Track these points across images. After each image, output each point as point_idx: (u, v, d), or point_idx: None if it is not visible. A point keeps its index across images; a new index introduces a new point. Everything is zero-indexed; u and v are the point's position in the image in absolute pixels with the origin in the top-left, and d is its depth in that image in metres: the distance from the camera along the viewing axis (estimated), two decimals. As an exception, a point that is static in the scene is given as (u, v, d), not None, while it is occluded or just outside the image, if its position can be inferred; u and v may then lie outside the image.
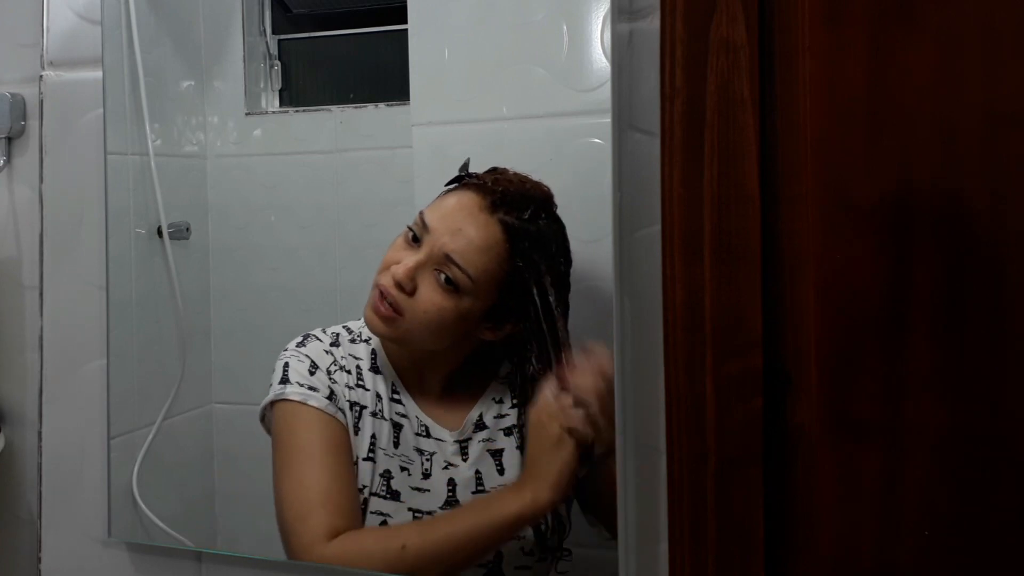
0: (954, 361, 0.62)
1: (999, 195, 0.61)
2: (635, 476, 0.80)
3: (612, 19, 0.81)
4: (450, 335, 0.87)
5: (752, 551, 0.66)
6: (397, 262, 0.86)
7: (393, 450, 0.89)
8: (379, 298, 0.87)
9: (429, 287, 0.85)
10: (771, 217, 0.66)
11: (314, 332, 0.93)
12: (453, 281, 0.84)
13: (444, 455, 0.89)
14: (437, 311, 0.85)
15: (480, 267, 0.83)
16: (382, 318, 0.87)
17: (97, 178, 1.00)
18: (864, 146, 0.64)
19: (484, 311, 0.85)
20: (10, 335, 1.05)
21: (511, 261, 0.84)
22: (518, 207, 0.84)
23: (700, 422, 0.67)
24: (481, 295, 0.84)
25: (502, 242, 0.84)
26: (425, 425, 0.90)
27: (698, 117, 0.67)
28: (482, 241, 0.84)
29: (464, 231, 0.84)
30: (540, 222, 0.85)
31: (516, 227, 0.84)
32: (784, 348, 0.66)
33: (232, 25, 1.04)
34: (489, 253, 0.84)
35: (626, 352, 0.79)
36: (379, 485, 0.88)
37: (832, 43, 0.64)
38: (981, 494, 0.62)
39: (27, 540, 1.05)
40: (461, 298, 0.84)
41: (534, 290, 0.84)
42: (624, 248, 0.79)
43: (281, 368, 0.91)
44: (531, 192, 0.85)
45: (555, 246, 0.85)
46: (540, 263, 0.84)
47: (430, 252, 0.85)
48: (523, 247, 0.84)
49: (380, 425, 0.89)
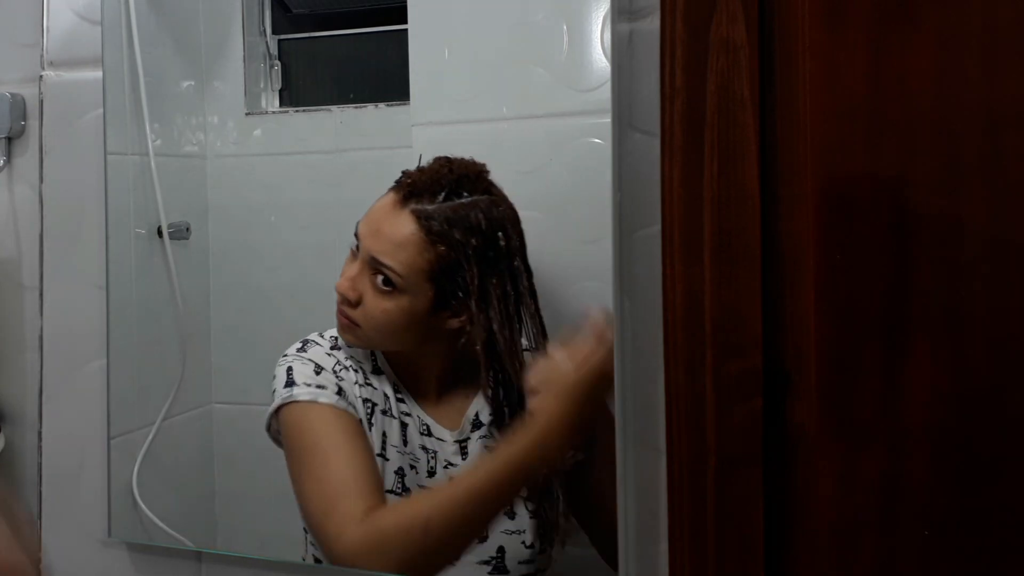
0: (954, 361, 0.62)
1: (999, 195, 0.61)
2: (635, 476, 0.80)
3: (612, 19, 0.81)
4: (410, 334, 0.88)
5: (752, 551, 0.66)
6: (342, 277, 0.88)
7: (403, 447, 0.89)
8: (338, 314, 0.89)
9: (370, 294, 0.87)
10: (771, 217, 0.66)
11: (311, 337, 0.93)
12: (389, 281, 0.85)
13: (445, 454, 0.90)
14: (383, 314, 0.86)
15: (404, 262, 0.84)
16: (343, 328, 0.89)
17: (97, 178, 1.00)
18: (864, 146, 0.64)
19: (430, 303, 0.85)
20: (10, 335, 1.05)
21: (432, 248, 0.84)
22: (430, 193, 0.85)
23: (700, 422, 0.67)
24: (417, 289, 0.85)
25: (416, 232, 0.84)
26: (427, 424, 0.90)
27: (698, 117, 0.67)
28: (399, 236, 0.85)
29: (382, 230, 0.86)
30: (459, 200, 0.85)
31: (428, 213, 0.84)
32: (784, 348, 0.66)
33: (232, 25, 1.04)
34: (407, 247, 0.84)
35: (626, 352, 0.79)
36: (395, 482, 0.88)
37: (832, 43, 0.64)
38: (981, 494, 0.62)
39: (27, 540, 1.05)
40: (399, 297, 0.85)
41: (472, 268, 0.84)
42: (624, 248, 0.79)
43: (284, 373, 0.90)
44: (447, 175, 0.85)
45: (484, 220, 0.84)
46: (467, 242, 0.84)
47: (363, 259, 0.87)
48: (441, 230, 0.84)
49: (390, 423, 0.90)
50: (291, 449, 0.89)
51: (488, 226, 0.85)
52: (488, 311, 0.85)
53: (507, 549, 0.87)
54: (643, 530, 0.79)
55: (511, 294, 0.85)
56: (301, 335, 0.93)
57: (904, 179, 0.63)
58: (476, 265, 0.84)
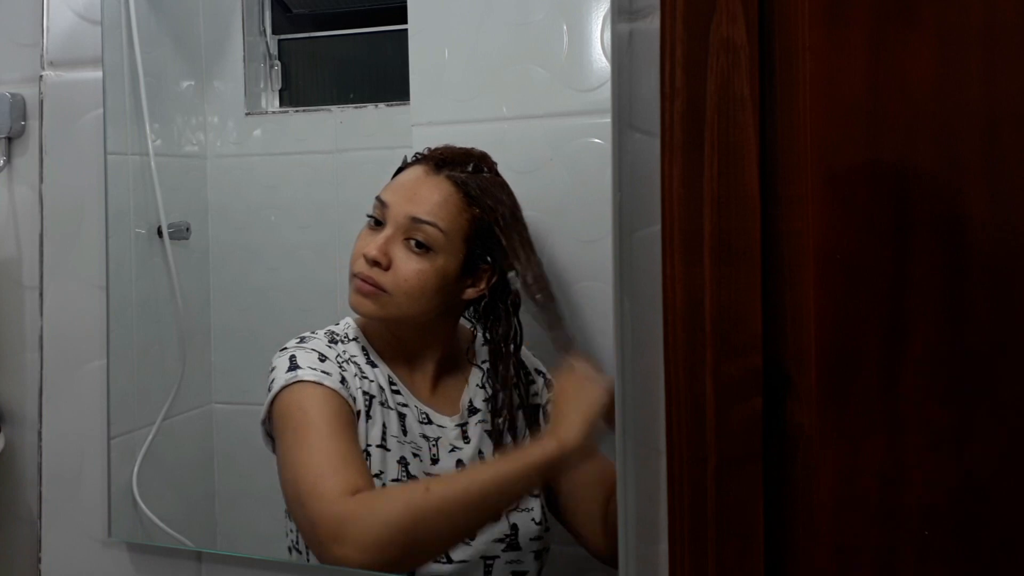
0: (954, 361, 0.62)
1: (999, 195, 0.61)
2: (635, 476, 0.80)
3: (612, 19, 0.81)
4: (437, 298, 0.89)
5: (752, 551, 0.66)
6: (366, 247, 0.89)
7: (403, 437, 0.90)
8: (360, 282, 0.89)
9: (403, 257, 0.88)
10: (771, 217, 0.66)
11: (307, 334, 0.93)
12: (424, 243, 0.87)
13: (448, 439, 0.91)
14: (417, 275, 0.87)
15: (446, 219, 0.87)
16: (367, 295, 0.89)
17: (97, 178, 1.00)
18: (864, 146, 0.64)
19: (460, 265, 0.88)
20: (10, 335, 1.05)
21: (469, 210, 0.88)
22: (460, 164, 0.89)
23: (700, 422, 0.67)
24: (454, 248, 0.87)
25: (455, 193, 0.88)
26: (425, 413, 0.91)
27: (698, 117, 0.67)
28: (439, 196, 0.88)
29: (419, 193, 0.88)
30: (483, 174, 0.89)
31: (463, 179, 0.88)
32: (784, 348, 0.66)
33: (232, 25, 1.04)
34: (447, 206, 0.88)
35: (626, 352, 0.79)
36: (399, 471, 0.89)
37: (832, 43, 0.64)
38: (981, 493, 0.62)
39: (27, 540, 1.05)
40: (435, 257, 0.87)
41: (498, 232, 0.87)
42: (624, 248, 0.79)
43: (287, 359, 0.90)
44: (470, 152, 0.89)
45: (506, 197, 0.88)
46: (496, 208, 0.88)
47: (396, 223, 0.88)
48: (475, 195, 0.88)
49: (388, 414, 0.90)
50: (288, 427, 0.88)
51: (508, 200, 0.89)
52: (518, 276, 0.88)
53: (520, 527, 0.88)
54: (643, 530, 0.79)
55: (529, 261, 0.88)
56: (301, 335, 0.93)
57: (904, 179, 0.63)
58: (503, 231, 0.88)
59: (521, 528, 0.88)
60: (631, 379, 0.79)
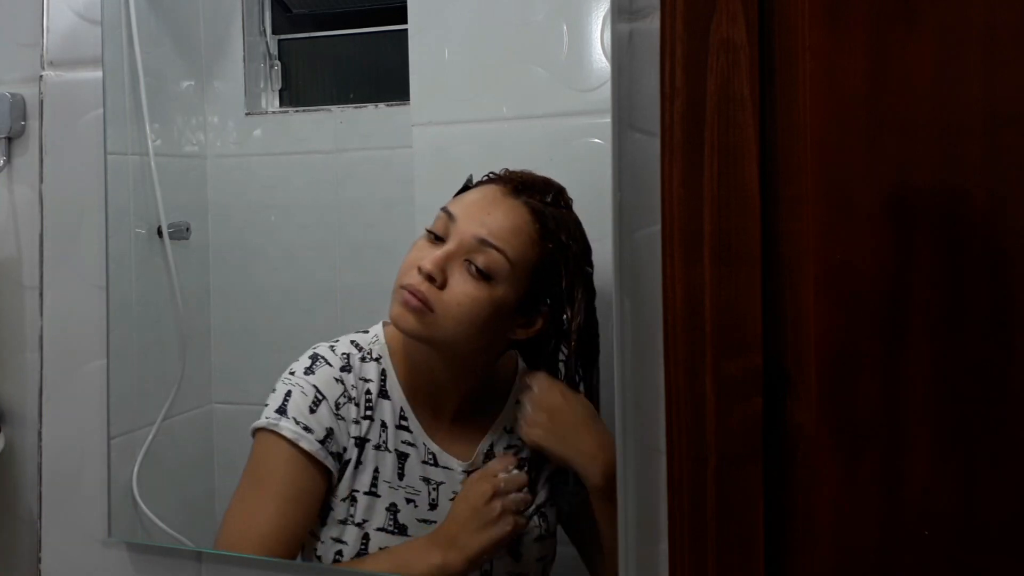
0: (954, 360, 0.62)
1: (999, 195, 0.61)
2: (635, 476, 0.80)
3: (612, 19, 0.81)
4: (483, 331, 0.83)
5: (752, 551, 0.66)
6: (422, 260, 0.83)
7: (398, 482, 0.87)
8: (408, 295, 0.82)
9: (460, 279, 0.82)
10: (771, 217, 0.66)
11: (322, 352, 0.88)
12: (484, 270, 0.81)
13: (452, 485, 0.87)
14: (471, 302, 0.81)
15: (517, 248, 0.82)
16: (413, 311, 0.82)
17: (97, 178, 1.00)
18: (864, 146, 0.64)
19: (518, 300, 0.82)
20: (10, 335, 1.05)
21: (542, 243, 0.82)
22: (540, 192, 0.84)
23: (700, 422, 0.67)
24: (516, 281, 0.82)
25: (531, 223, 0.82)
26: (433, 453, 0.87)
27: (698, 117, 0.67)
28: (512, 223, 0.82)
29: (494, 215, 0.82)
30: (561, 208, 0.84)
31: (542, 209, 0.83)
32: (784, 348, 0.66)
33: (232, 25, 1.04)
34: (521, 235, 0.82)
35: (626, 352, 0.79)
36: (386, 520, 0.86)
37: (832, 43, 0.64)
38: (981, 493, 0.62)
39: (27, 540, 1.05)
40: (495, 286, 0.81)
41: (564, 274, 0.82)
42: (624, 248, 0.79)
43: (283, 396, 0.87)
44: (550, 181, 0.85)
45: (578, 235, 0.84)
46: (569, 246, 0.83)
47: (460, 241, 0.82)
48: (551, 228, 0.82)
49: (383, 457, 0.87)
50: (249, 468, 0.88)
51: (580, 242, 0.84)
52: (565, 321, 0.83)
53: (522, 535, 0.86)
54: (643, 530, 0.79)
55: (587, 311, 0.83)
56: (301, 335, 0.93)
57: (904, 179, 0.63)
58: (570, 273, 0.82)
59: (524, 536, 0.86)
60: (631, 379, 0.79)
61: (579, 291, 0.83)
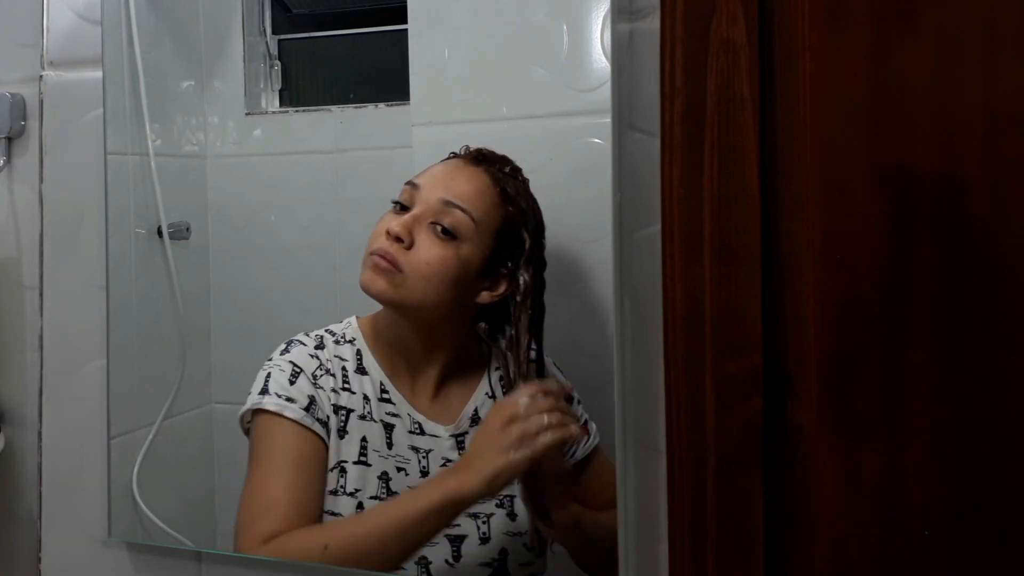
0: (954, 361, 0.62)
1: (999, 195, 0.61)
2: (635, 476, 0.80)
3: (612, 19, 0.81)
4: (451, 291, 0.86)
5: (752, 551, 0.66)
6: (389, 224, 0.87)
7: (387, 451, 0.89)
8: (378, 258, 0.86)
9: (427, 240, 0.85)
10: (771, 217, 0.66)
11: (297, 337, 0.92)
12: (450, 229, 0.85)
13: (441, 451, 0.89)
14: (439, 260, 0.85)
15: (481, 208, 0.85)
16: (382, 272, 0.86)
17: (97, 178, 1.00)
18: (864, 146, 0.64)
19: (483, 262, 0.85)
20: (10, 335, 1.05)
21: (504, 206, 0.86)
22: (498, 162, 0.87)
23: (700, 422, 0.67)
24: (481, 240, 0.85)
25: (492, 186, 0.86)
26: (418, 422, 0.90)
27: (698, 117, 0.67)
28: (475, 187, 0.86)
29: (456, 179, 0.87)
30: (519, 180, 0.87)
31: (501, 176, 0.86)
32: (784, 348, 0.66)
33: (232, 25, 1.04)
34: (483, 197, 0.86)
35: (626, 352, 0.79)
36: (379, 488, 0.88)
37: (832, 43, 0.64)
38: (981, 493, 0.62)
39: (27, 540, 1.05)
40: (460, 245, 0.85)
41: (527, 238, 0.85)
42: (624, 248, 0.79)
43: (263, 378, 0.90)
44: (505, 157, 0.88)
45: (536, 206, 0.87)
46: (528, 214, 0.86)
47: (426, 205, 0.86)
48: (511, 194, 0.86)
49: (370, 427, 0.89)
50: (250, 452, 0.91)
51: (538, 212, 0.87)
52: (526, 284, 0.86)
53: (509, 551, 0.87)
54: (643, 530, 0.79)
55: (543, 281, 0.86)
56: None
57: (904, 179, 0.63)
58: (531, 236, 0.86)
59: (511, 553, 0.87)
60: (631, 379, 0.79)
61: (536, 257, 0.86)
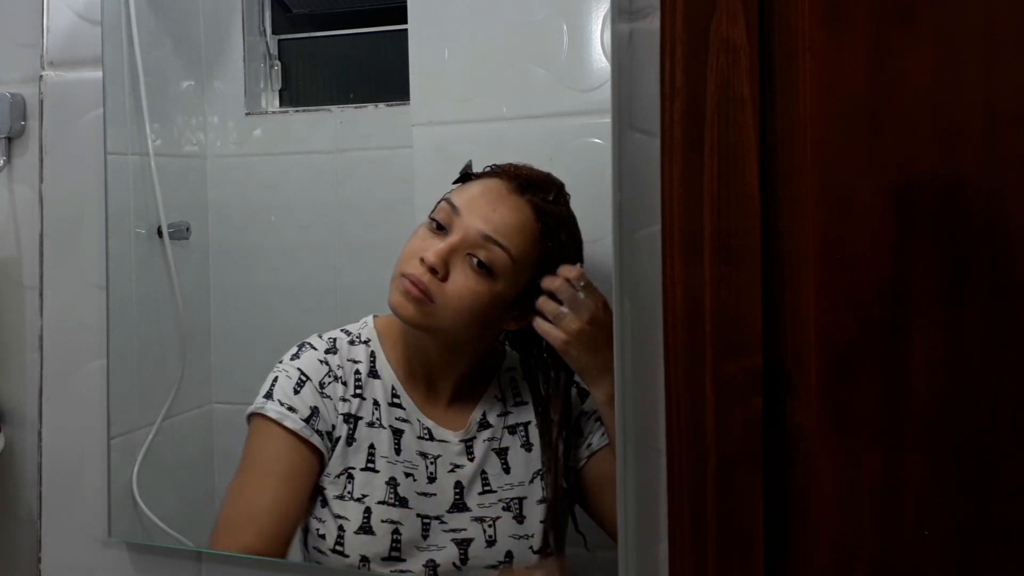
0: (954, 361, 0.62)
1: (999, 195, 0.61)
2: (635, 476, 0.80)
3: (612, 19, 0.81)
4: (480, 322, 0.85)
5: (752, 551, 0.66)
6: (424, 250, 0.84)
7: (395, 457, 0.88)
8: (409, 284, 0.84)
9: (462, 272, 0.83)
10: (771, 217, 0.66)
11: (310, 340, 0.92)
12: (487, 264, 0.83)
13: (449, 457, 0.89)
14: (472, 295, 0.83)
15: (520, 246, 0.83)
16: (413, 300, 0.84)
17: (97, 178, 1.00)
18: (864, 146, 0.64)
19: (516, 296, 0.84)
20: (10, 335, 1.05)
21: (543, 242, 0.84)
22: (543, 189, 0.85)
23: (700, 422, 0.67)
24: (516, 277, 0.83)
25: (534, 222, 0.84)
26: (428, 428, 0.89)
27: (698, 117, 0.67)
28: (516, 221, 0.83)
29: (499, 211, 0.84)
30: (562, 206, 0.85)
31: (544, 208, 0.84)
32: (784, 348, 0.66)
33: (232, 25, 1.04)
34: (524, 233, 0.83)
35: (626, 352, 0.79)
36: (387, 493, 0.87)
37: (832, 43, 0.64)
38: (981, 493, 0.62)
39: (27, 540, 1.05)
40: (495, 281, 0.83)
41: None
42: (624, 248, 0.79)
43: (270, 382, 0.90)
44: (552, 179, 0.86)
45: (575, 230, 0.85)
46: (567, 246, 0.84)
47: (464, 235, 0.83)
48: (552, 228, 0.84)
49: (378, 434, 0.89)
50: (243, 454, 0.91)
51: (577, 239, 0.85)
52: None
53: (515, 554, 0.87)
54: (643, 530, 0.79)
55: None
56: (301, 335, 0.93)
57: (904, 178, 0.63)
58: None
59: (516, 555, 0.87)
60: (631, 379, 0.79)
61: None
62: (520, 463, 0.88)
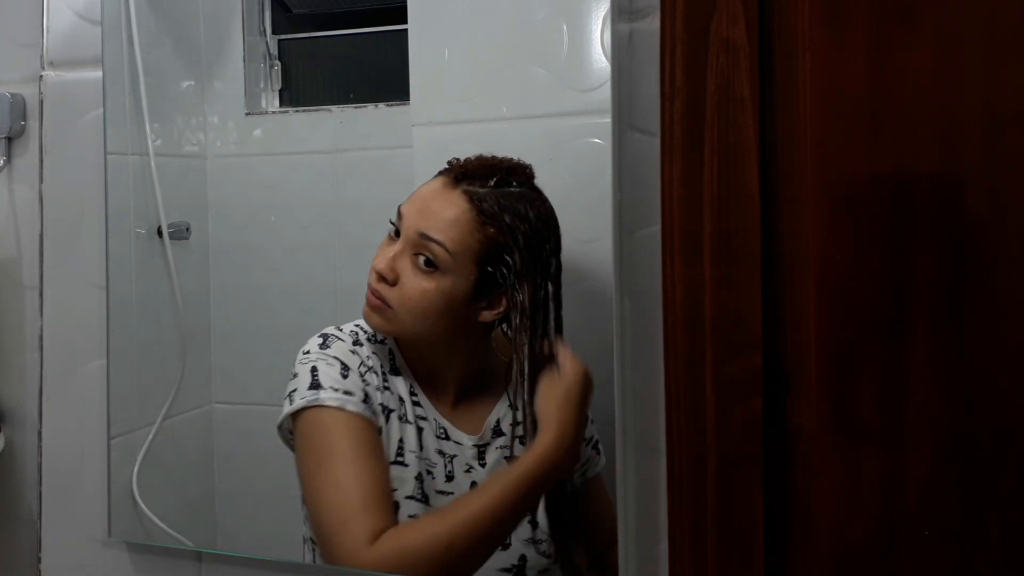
0: (954, 361, 0.62)
1: (999, 195, 0.61)
2: (635, 476, 0.80)
3: (612, 19, 0.81)
4: (443, 321, 0.86)
5: (752, 551, 0.66)
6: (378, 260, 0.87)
7: (419, 452, 0.88)
8: (369, 294, 0.88)
9: (409, 273, 0.85)
10: (771, 217, 0.66)
11: (330, 331, 0.90)
12: (432, 262, 0.84)
13: (464, 458, 0.88)
14: (421, 294, 0.85)
15: (455, 239, 0.84)
16: (376, 310, 0.87)
17: (97, 178, 1.00)
18: (864, 146, 0.64)
19: (470, 288, 0.84)
20: (10, 335, 1.05)
21: (483, 229, 0.84)
22: (481, 177, 0.85)
23: (700, 422, 0.67)
24: (462, 270, 0.84)
25: (468, 211, 0.84)
26: (444, 428, 0.89)
27: (698, 117, 0.67)
28: (451, 214, 0.84)
29: (431, 208, 0.85)
30: (509, 188, 0.85)
31: (481, 194, 0.84)
32: (784, 348, 0.66)
33: (232, 25, 1.04)
34: (459, 224, 0.84)
35: (626, 352, 0.79)
36: (415, 488, 0.87)
37: (832, 43, 0.64)
38: (981, 494, 0.62)
39: (27, 540, 1.05)
40: (443, 277, 0.84)
41: (518, 255, 0.83)
42: (624, 248, 0.79)
43: (309, 372, 0.87)
44: (499, 164, 0.85)
45: (532, 212, 0.84)
46: (516, 227, 0.84)
47: (406, 238, 0.86)
48: (492, 211, 0.84)
49: (406, 428, 0.88)
50: (310, 452, 0.87)
51: (535, 217, 0.84)
52: (525, 302, 0.84)
53: (528, 558, 0.86)
54: (643, 530, 0.79)
55: (549, 291, 0.85)
56: (301, 335, 0.93)
57: (904, 178, 0.63)
58: (522, 252, 0.84)
59: (530, 559, 0.86)
60: (631, 379, 0.79)
61: (537, 268, 0.84)
62: None
